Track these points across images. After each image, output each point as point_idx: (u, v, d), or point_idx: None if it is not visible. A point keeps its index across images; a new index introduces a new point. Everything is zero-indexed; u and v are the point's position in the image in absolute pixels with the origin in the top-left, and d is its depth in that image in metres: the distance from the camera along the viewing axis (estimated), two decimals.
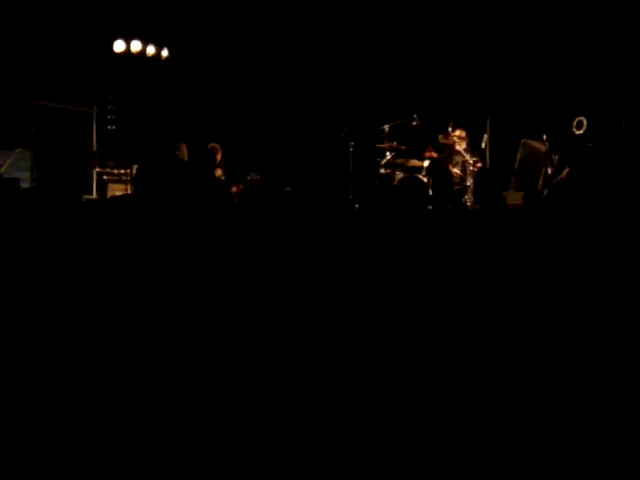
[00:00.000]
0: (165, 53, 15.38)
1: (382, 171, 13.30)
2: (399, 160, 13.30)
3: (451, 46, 14.75)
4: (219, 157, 13.52)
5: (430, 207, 12.12)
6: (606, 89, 12.89)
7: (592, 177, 10.66)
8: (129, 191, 13.59)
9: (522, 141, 13.20)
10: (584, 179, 10.65)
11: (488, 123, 13.46)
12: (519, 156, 13.19)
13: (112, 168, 14.28)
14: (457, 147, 13.22)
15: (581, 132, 12.54)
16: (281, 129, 16.09)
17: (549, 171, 12.42)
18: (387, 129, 13.38)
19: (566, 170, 11.47)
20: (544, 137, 12.72)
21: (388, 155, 13.33)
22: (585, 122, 12.49)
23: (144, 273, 6.05)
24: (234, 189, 13.62)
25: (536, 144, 12.94)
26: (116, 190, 13.85)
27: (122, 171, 14.20)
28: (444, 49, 14.80)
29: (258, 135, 16.03)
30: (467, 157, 13.06)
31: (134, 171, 13.59)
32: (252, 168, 14.49)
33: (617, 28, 12.89)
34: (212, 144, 13.64)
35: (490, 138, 13.45)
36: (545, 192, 12.03)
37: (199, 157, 13.19)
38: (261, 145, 15.85)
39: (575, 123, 12.61)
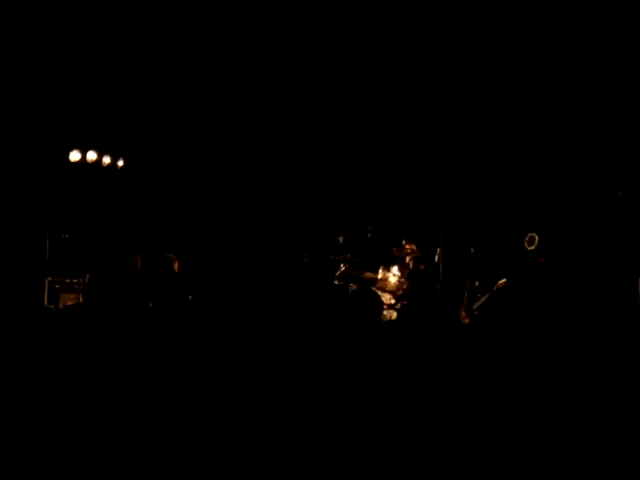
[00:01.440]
0: (120, 163, 15.43)
1: (336, 282, 13.30)
2: (353, 272, 13.33)
3: (406, 163, 14.97)
4: (176, 267, 13.40)
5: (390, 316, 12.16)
6: (558, 205, 13.12)
7: (539, 292, 10.77)
8: (81, 300, 13.42)
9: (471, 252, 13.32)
10: (530, 293, 10.75)
11: (441, 237, 13.60)
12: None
13: (64, 277, 14.14)
14: (407, 260, 13.30)
15: (532, 248, 12.69)
16: (238, 240, 16.09)
17: (476, 283, 12.48)
18: (342, 240, 13.45)
19: (502, 282, 11.56)
20: (472, 250, 12.88)
21: (342, 267, 13.36)
22: (536, 238, 12.65)
23: (96, 383, 5.94)
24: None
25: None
26: (68, 299, 13.67)
27: (74, 280, 14.05)
28: (399, 166, 15.02)
29: (214, 247, 15.99)
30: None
31: (86, 280, 13.45)
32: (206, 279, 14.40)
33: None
34: (169, 254, 13.56)
35: (443, 252, 13.56)
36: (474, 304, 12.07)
37: (156, 268, 13.09)
38: (218, 257, 15.79)
39: (527, 239, 12.76)
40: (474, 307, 12.06)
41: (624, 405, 5.72)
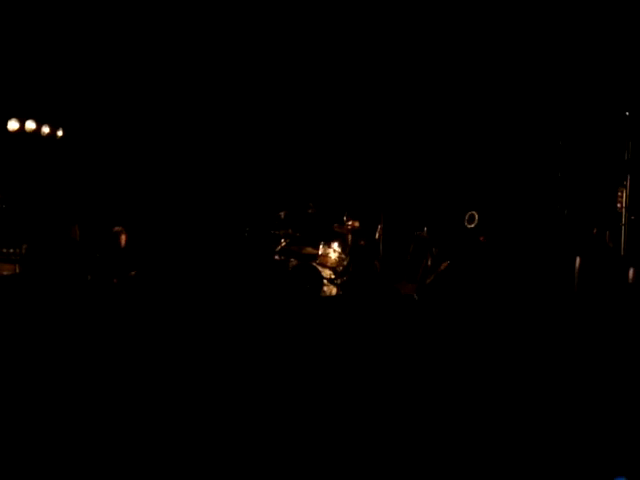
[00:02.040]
0: (60, 133, 15.20)
1: (277, 257, 13.28)
2: (294, 247, 13.30)
3: (349, 141, 14.97)
4: (123, 240, 13.16)
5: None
6: (498, 184, 13.22)
7: (479, 270, 10.90)
8: (17, 270, 13.22)
9: (415, 233, 13.38)
10: (470, 272, 10.87)
11: (382, 215, 13.64)
12: (412, 248, 13.35)
13: (0, 247, 13.90)
14: (349, 237, 13.32)
15: (472, 226, 12.78)
16: (182, 212, 15.96)
17: (429, 262, 12.58)
18: (283, 216, 13.41)
19: (445, 264, 11.67)
20: (425, 229, 12.95)
21: (283, 242, 13.34)
22: (476, 216, 12.74)
23: (28, 352, 5.87)
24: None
25: (426, 236, 13.15)
26: (3, 269, 13.46)
27: (11, 250, 13.82)
28: (342, 143, 15.01)
29: (157, 222, 15.82)
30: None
31: (23, 251, 13.24)
32: (157, 255, 14.25)
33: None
34: (116, 227, 13.33)
35: (383, 229, 13.61)
36: (427, 281, 12.18)
37: (99, 240, 12.91)
38: (165, 233, 15.63)
39: (467, 217, 12.85)
40: (424, 283, 12.18)
41: (560, 374, 5.81)
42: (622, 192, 12.04)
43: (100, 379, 5.49)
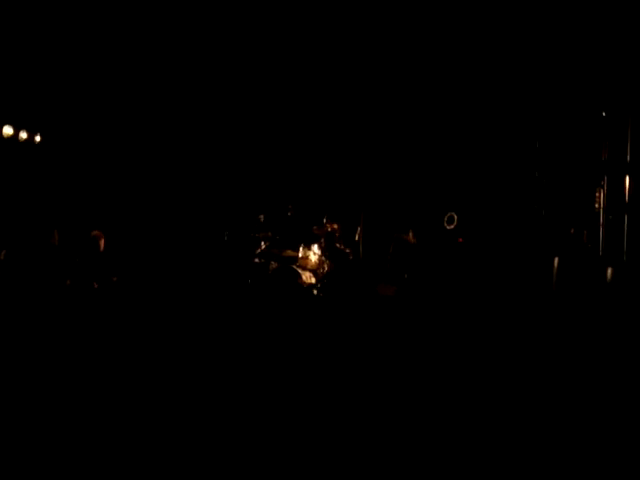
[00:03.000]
0: (38, 138, 15.15)
1: (256, 260, 13.28)
2: (274, 250, 13.32)
3: (328, 143, 15.00)
4: (102, 245, 13.13)
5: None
6: (476, 185, 13.28)
7: (458, 272, 10.96)
8: None
9: (395, 235, 13.42)
10: (449, 274, 10.94)
11: (362, 217, 13.68)
12: (392, 250, 13.38)
13: None
14: (328, 239, 13.34)
15: (452, 227, 12.84)
16: (161, 216, 15.92)
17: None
18: (262, 218, 13.43)
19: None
20: (410, 232, 12.98)
21: (263, 244, 13.35)
22: (455, 217, 12.80)
23: (8, 357, 5.87)
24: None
25: (407, 238, 13.18)
26: None
27: None
28: (321, 145, 15.04)
29: (141, 226, 15.78)
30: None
31: (2, 256, 13.19)
32: (137, 260, 14.23)
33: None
34: (95, 232, 13.29)
35: (363, 231, 13.65)
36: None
37: (77, 245, 12.86)
38: (144, 237, 15.60)
39: (446, 218, 12.91)
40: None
41: (539, 373, 5.86)
42: (600, 192, 12.11)
43: (81, 383, 5.49)
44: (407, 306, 9.94)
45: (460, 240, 12.65)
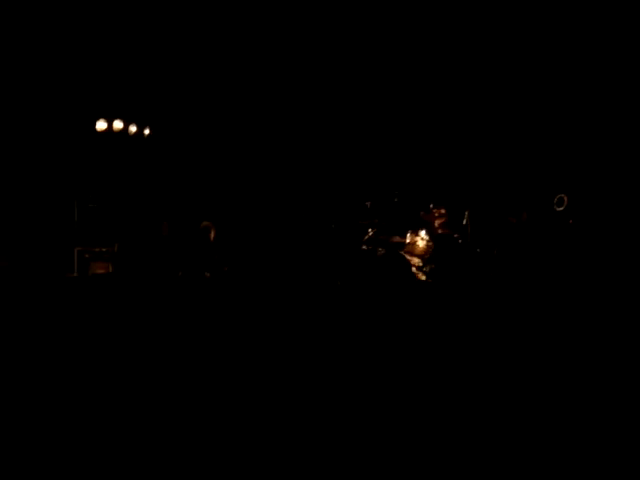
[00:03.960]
0: (147, 131, 15.44)
1: (364, 247, 13.27)
2: (381, 236, 13.28)
3: (434, 129, 14.93)
4: (212, 235, 13.30)
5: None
6: (588, 166, 13.03)
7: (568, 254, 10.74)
8: (110, 269, 13.48)
9: (505, 218, 13.25)
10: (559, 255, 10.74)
11: (470, 201, 13.53)
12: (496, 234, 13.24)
13: (93, 246, 14.18)
14: (436, 224, 13.25)
15: (561, 209, 12.60)
16: (259, 207, 16.06)
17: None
18: (369, 205, 13.40)
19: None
20: (524, 214, 12.81)
21: (370, 231, 13.32)
22: (565, 199, 12.57)
23: (124, 349, 5.98)
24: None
25: (513, 220, 13.04)
26: (97, 268, 13.72)
27: (104, 249, 14.10)
28: (427, 131, 14.98)
29: (250, 218, 15.93)
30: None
31: (115, 249, 13.49)
32: (247, 251, 14.37)
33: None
34: (205, 222, 13.47)
35: (471, 215, 13.49)
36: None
37: (188, 236, 13.06)
38: (253, 229, 15.75)
39: (556, 200, 12.68)
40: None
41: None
42: None
43: (198, 375, 5.55)
44: (516, 291, 9.80)
45: (571, 222, 12.41)
